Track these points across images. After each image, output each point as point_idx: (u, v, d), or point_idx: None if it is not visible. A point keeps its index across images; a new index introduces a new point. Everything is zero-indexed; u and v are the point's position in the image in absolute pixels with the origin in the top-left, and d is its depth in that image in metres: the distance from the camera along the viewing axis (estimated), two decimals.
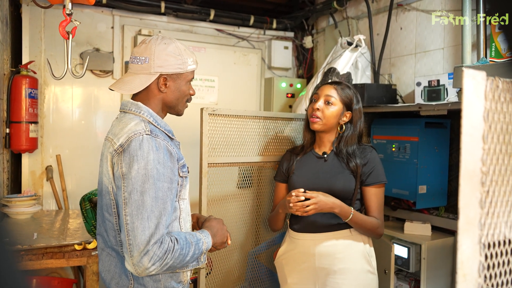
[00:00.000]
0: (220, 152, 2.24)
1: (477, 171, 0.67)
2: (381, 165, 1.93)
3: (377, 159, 1.94)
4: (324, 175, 1.93)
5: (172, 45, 1.43)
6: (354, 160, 1.90)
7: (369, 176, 1.90)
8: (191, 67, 1.47)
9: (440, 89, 2.40)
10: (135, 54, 1.44)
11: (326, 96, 1.92)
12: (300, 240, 1.94)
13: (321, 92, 1.95)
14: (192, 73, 1.50)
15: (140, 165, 1.28)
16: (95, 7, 3.17)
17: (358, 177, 1.89)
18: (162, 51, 1.41)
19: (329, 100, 1.91)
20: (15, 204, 2.55)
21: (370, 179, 1.90)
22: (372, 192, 1.90)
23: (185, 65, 1.44)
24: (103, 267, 1.44)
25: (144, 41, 1.45)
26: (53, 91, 3.14)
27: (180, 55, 1.43)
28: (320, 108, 1.91)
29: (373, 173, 1.90)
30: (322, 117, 1.91)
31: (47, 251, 2.10)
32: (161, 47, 1.41)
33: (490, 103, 0.69)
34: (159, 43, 1.41)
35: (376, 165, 1.91)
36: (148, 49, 1.41)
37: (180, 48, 1.44)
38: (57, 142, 3.13)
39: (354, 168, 1.89)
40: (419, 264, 2.35)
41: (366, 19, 3.09)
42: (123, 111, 1.46)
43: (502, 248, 0.73)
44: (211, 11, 3.49)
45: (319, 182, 1.92)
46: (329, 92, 1.93)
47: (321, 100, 1.93)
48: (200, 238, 1.41)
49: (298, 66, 3.99)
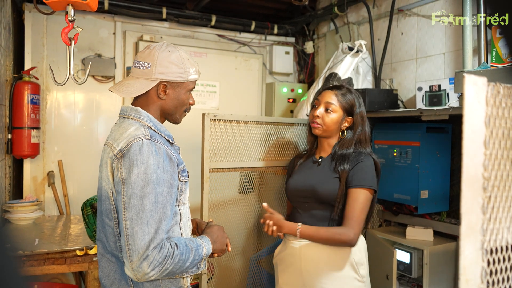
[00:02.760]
0: (221, 157, 2.24)
1: (479, 176, 0.67)
2: (370, 171, 1.85)
3: (368, 165, 1.86)
4: (311, 180, 1.92)
5: (176, 53, 1.43)
6: (343, 164, 1.86)
7: (353, 178, 1.83)
8: (192, 77, 1.46)
9: (441, 94, 2.40)
10: (138, 59, 1.44)
11: (326, 103, 1.92)
12: (289, 241, 1.95)
13: (321, 98, 1.96)
14: (194, 83, 1.50)
15: (140, 170, 1.28)
16: (97, 13, 3.19)
17: (343, 181, 1.84)
18: (165, 58, 1.41)
19: (329, 108, 1.91)
20: (17, 210, 2.55)
21: (352, 180, 1.83)
22: (351, 195, 1.81)
23: (186, 74, 1.44)
24: (103, 273, 1.44)
25: (148, 47, 1.45)
26: (55, 97, 3.15)
27: (183, 63, 1.43)
28: (320, 115, 1.92)
29: (357, 175, 1.83)
30: (322, 124, 1.92)
31: (48, 257, 2.10)
32: (165, 54, 1.41)
33: (491, 108, 0.69)
34: (163, 50, 1.42)
35: (363, 169, 1.84)
36: (151, 55, 1.41)
37: (184, 57, 1.44)
38: (58, 147, 3.14)
39: (341, 172, 1.85)
40: (421, 270, 2.34)
41: (367, 24, 3.09)
42: (122, 116, 1.46)
43: (504, 253, 0.73)
44: (213, 16, 3.51)
45: (305, 186, 1.93)
46: (329, 99, 1.93)
47: (321, 107, 1.93)
48: (200, 244, 1.40)
49: (299, 71, 4.00)
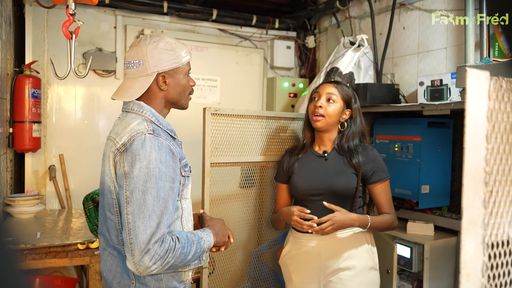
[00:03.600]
0: (222, 152, 2.24)
1: (480, 171, 0.67)
2: (382, 162, 1.96)
3: (378, 156, 1.96)
4: (325, 175, 1.93)
5: (162, 41, 1.42)
6: (357, 156, 1.91)
7: (373, 174, 1.92)
8: (185, 59, 1.46)
9: (443, 89, 2.39)
10: (128, 59, 1.43)
11: (328, 94, 1.94)
12: (304, 240, 1.95)
13: (322, 90, 1.97)
14: (188, 64, 1.49)
15: (142, 164, 1.28)
16: (98, 7, 3.18)
17: (359, 175, 1.90)
18: (154, 49, 1.40)
19: (331, 98, 1.93)
20: (18, 204, 2.56)
21: (374, 177, 1.92)
22: (379, 189, 1.93)
23: (179, 59, 1.43)
24: (105, 267, 1.44)
25: (133, 44, 1.44)
26: (56, 91, 3.15)
27: (172, 49, 1.42)
28: (323, 106, 1.92)
29: (376, 171, 1.92)
30: (325, 115, 1.92)
31: (50, 251, 2.11)
32: (152, 46, 1.40)
33: (494, 103, 0.69)
34: (149, 43, 1.40)
35: (377, 163, 1.93)
36: (139, 51, 1.40)
37: (171, 43, 1.43)
38: (60, 141, 3.14)
39: (356, 165, 1.90)
40: (422, 264, 2.34)
41: (369, 18, 3.08)
42: (125, 110, 1.46)
43: (505, 248, 0.73)
44: (214, 11, 3.50)
45: (320, 181, 1.93)
46: (330, 90, 1.95)
47: (323, 98, 1.94)
48: (202, 237, 1.41)
49: (300, 65, 3.99)
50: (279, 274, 2.12)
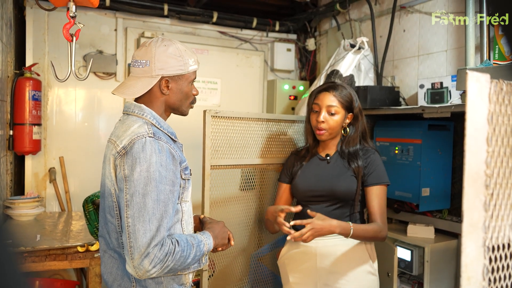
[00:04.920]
0: (222, 154, 2.24)
1: (481, 173, 0.67)
2: (382, 167, 1.94)
3: (379, 160, 1.95)
4: (326, 178, 1.94)
5: (172, 46, 1.42)
6: (356, 161, 1.91)
7: (370, 176, 1.90)
8: (192, 68, 1.46)
9: (443, 92, 2.40)
10: (136, 58, 1.43)
11: (328, 107, 1.92)
12: None
13: (321, 102, 1.94)
14: (194, 73, 1.49)
15: (143, 168, 1.28)
16: (99, 9, 3.19)
17: (359, 178, 1.90)
18: (163, 53, 1.40)
19: (331, 111, 1.92)
20: (18, 206, 2.56)
21: (370, 179, 1.90)
22: (373, 193, 1.89)
23: (186, 66, 1.43)
24: (105, 269, 1.44)
25: (144, 44, 1.44)
26: (57, 93, 3.15)
27: (181, 56, 1.42)
28: (325, 120, 1.92)
29: (374, 173, 1.91)
30: (328, 128, 1.92)
31: (50, 253, 2.10)
32: (161, 49, 1.40)
33: (494, 105, 0.69)
34: (159, 45, 1.41)
35: (377, 166, 1.92)
36: (148, 52, 1.40)
37: (181, 49, 1.43)
38: (60, 144, 3.14)
39: (356, 169, 1.90)
40: (422, 267, 2.34)
41: (369, 21, 3.08)
42: (126, 113, 1.46)
43: (506, 251, 0.72)
44: (214, 13, 3.50)
45: (321, 184, 1.93)
46: (329, 102, 1.92)
47: (324, 112, 1.92)
48: (201, 240, 1.41)
49: (301, 68, 3.99)
50: (279, 276, 2.11)
